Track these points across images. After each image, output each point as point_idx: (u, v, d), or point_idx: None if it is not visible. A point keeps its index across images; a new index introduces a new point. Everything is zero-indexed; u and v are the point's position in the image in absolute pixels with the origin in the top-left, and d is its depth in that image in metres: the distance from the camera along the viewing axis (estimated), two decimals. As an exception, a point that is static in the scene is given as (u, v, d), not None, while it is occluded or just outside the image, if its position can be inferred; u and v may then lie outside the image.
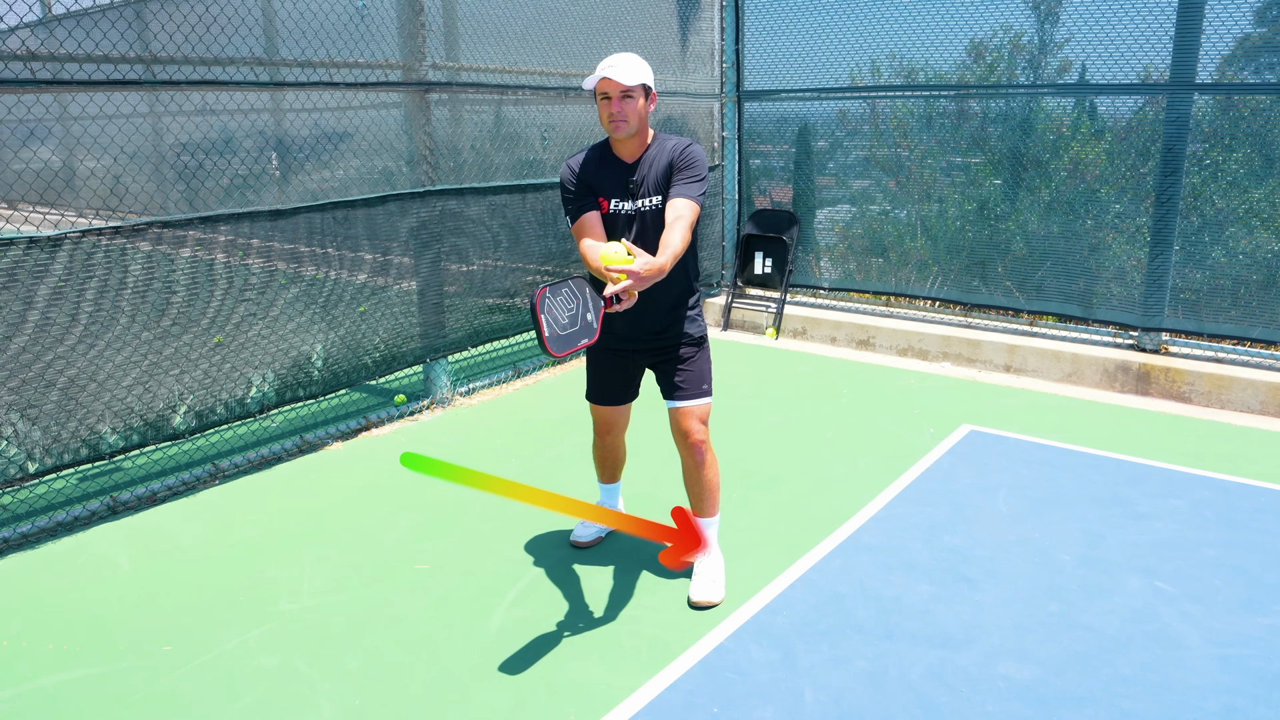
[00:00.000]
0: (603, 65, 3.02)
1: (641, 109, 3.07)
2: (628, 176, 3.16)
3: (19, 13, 3.85)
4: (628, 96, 3.01)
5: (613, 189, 3.18)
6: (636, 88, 3.02)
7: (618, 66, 2.99)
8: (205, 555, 3.75)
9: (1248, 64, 5.40)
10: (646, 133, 3.17)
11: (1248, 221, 5.48)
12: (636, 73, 3.00)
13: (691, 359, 3.28)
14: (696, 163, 3.11)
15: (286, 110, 6.03)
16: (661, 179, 3.15)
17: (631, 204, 3.17)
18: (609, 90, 3.01)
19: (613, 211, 3.20)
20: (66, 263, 3.80)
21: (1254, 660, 2.93)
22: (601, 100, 3.05)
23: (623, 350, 3.37)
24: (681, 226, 3.00)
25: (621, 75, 2.96)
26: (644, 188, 3.16)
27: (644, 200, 3.16)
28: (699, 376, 3.28)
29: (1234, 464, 4.50)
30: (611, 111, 3.03)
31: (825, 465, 4.56)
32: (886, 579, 3.45)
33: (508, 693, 2.83)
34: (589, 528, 3.79)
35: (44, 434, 3.83)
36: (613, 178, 3.18)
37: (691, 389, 3.27)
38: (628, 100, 3.02)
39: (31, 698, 2.84)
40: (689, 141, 3.16)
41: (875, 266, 7.08)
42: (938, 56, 6.49)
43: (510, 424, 5.25)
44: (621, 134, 3.07)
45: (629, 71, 2.98)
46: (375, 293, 5.13)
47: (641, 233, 3.20)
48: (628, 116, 3.03)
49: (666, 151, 3.15)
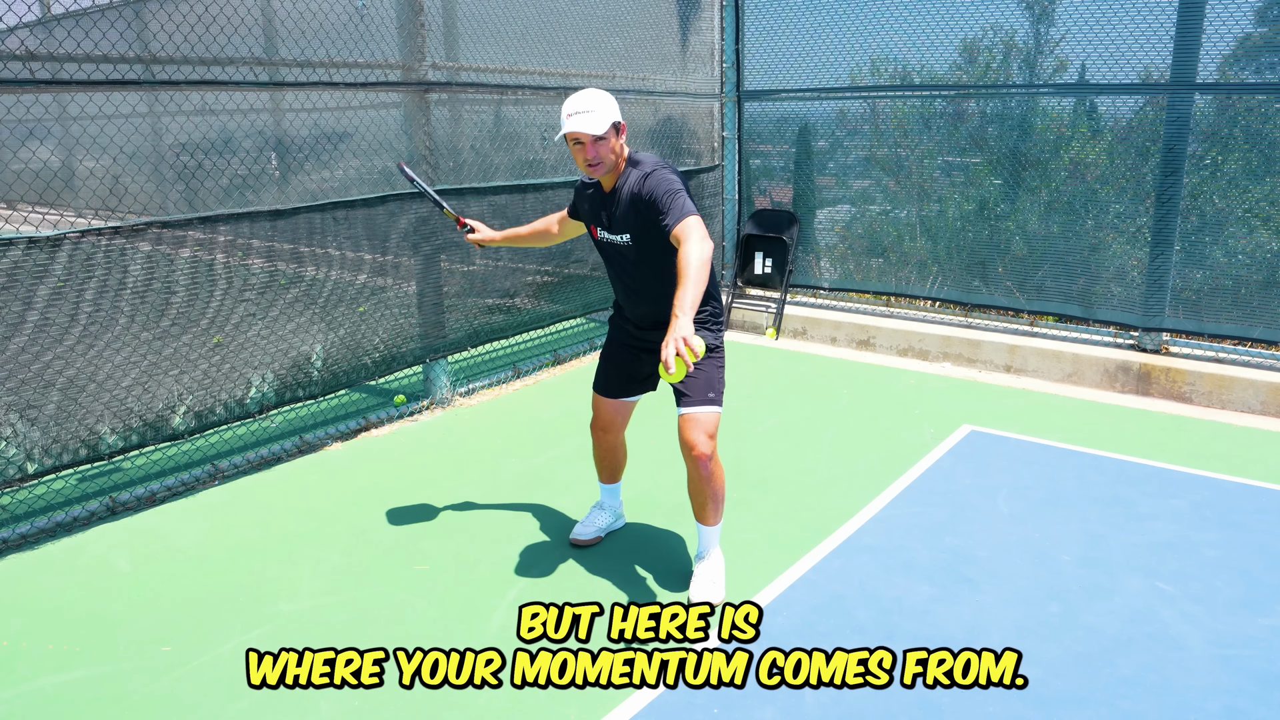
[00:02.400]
0: (569, 112, 3.04)
1: (615, 147, 3.11)
2: (603, 209, 3.27)
3: (18, 13, 3.84)
4: (599, 140, 3.06)
5: (594, 217, 3.33)
6: (608, 130, 3.05)
7: (585, 114, 3.02)
8: (205, 555, 3.74)
9: (1248, 64, 5.40)
10: (621, 163, 3.19)
11: (1248, 221, 5.48)
12: (603, 118, 3.03)
13: (699, 365, 3.19)
14: (663, 189, 3.02)
15: (286, 110, 6.02)
16: (630, 218, 3.17)
17: (608, 235, 3.29)
18: (581, 138, 3.06)
19: (600, 239, 3.35)
20: (66, 263, 3.80)
21: (1255, 661, 2.93)
22: (575, 145, 3.09)
23: (633, 346, 3.43)
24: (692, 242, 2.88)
25: (589, 126, 3.00)
26: (616, 223, 3.24)
27: (618, 235, 3.24)
28: (705, 384, 3.18)
29: (1234, 464, 4.50)
30: (586, 157, 3.08)
31: (825, 465, 4.55)
32: (887, 580, 3.45)
33: (508, 693, 2.83)
34: (589, 526, 3.79)
35: (43, 434, 3.82)
36: (597, 206, 3.31)
37: (696, 396, 3.17)
38: (600, 143, 3.06)
39: (31, 698, 2.84)
40: (648, 170, 3.10)
41: (875, 266, 7.08)
42: (938, 56, 6.49)
43: (510, 424, 5.25)
44: (600, 174, 3.15)
45: (596, 121, 3.01)
46: (375, 293, 5.13)
47: (621, 262, 3.30)
48: (602, 159, 3.09)
49: (632, 194, 3.12)
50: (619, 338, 3.48)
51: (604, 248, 3.35)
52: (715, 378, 3.22)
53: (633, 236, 3.19)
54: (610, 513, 3.82)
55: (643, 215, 3.11)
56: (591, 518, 3.80)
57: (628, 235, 3.20)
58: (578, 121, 3.01)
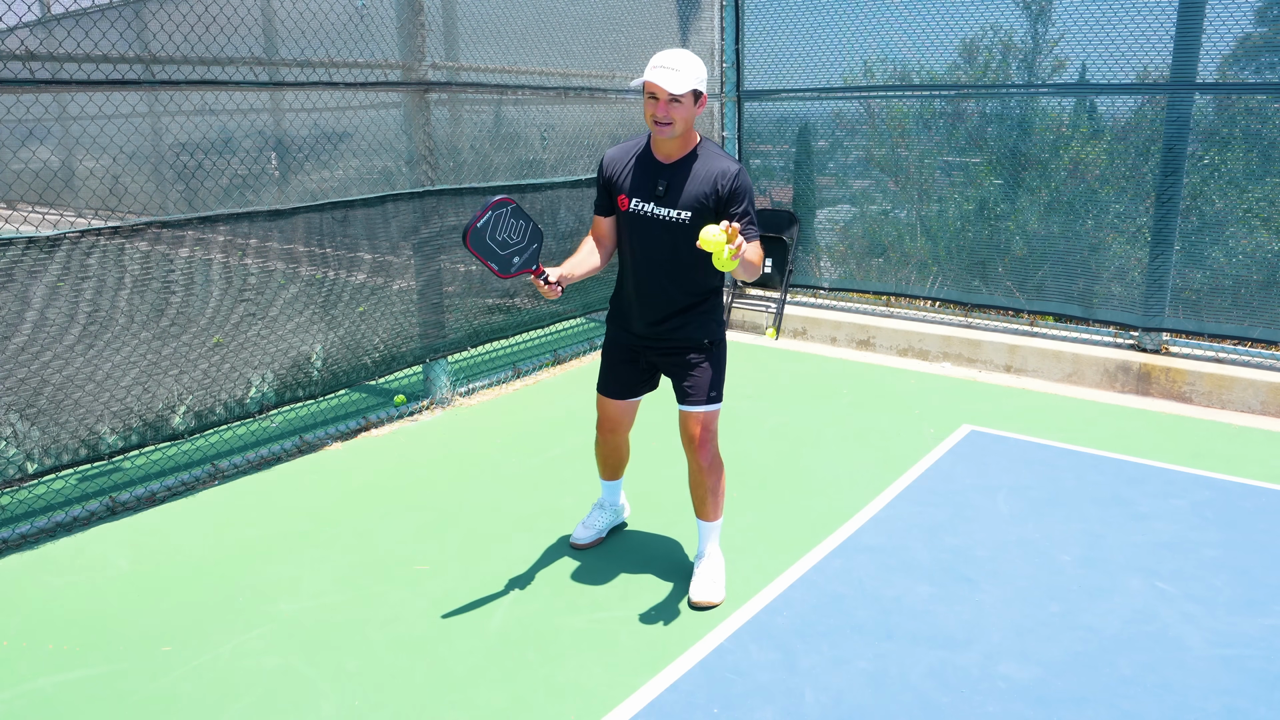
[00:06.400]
0: (655, 64, 2.90)
1: (689, 114, 2.95)
2: (659, 178, 3.06)
3: (18, 12, 3.84)
4: (676, 101, 2.90)
5: (638, 188, 3.09)
6: (687, 94, 2.91)
7: (669, 70, 2.86)
8: (205, 555, 3.74)
9: (1248, 64, 5.40)
10: (691, 136, 3.06)
11: (1248, 221, 5.48)
12: (688, 79, 2.87)
13: (700, 364, 3.20)
14: (749, 195, 3.01)
15: (286, 110, 6.03)
16: (698, 198, 3.02)
17: (654, 208, 3.06)
18: (657, 92, 2.90)
19: (632, 211, 3.10)
20: (65, 262, 3.80)
21: (1255, 661, 2.93)
22: (649, 99, 2.93)
23: (633, 346, 3.34)
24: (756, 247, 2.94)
25: (670, 83, 2.85)
26: (674, 196, 3.04)
27: (669, 210, 3.04)
28: (706, 382, 3.19)
29: (1234, 464, 4.50)
30: (656, 114, 2.93)
31: (825, 465, 4.55)
32: (887, 579, 3.45)
33: (508, 693, 2.83)
34: (589, 529, 3.78)
35: (43, 434, 3.82)
36: (643, 176, 3.09)
37: (697, 394, 3.19)
38: (675, 105, 2.91)
39: (31, 698, 2.84)
40: (739, 168, 3.03)
41: (875, 266, 7.07)
42: (937, 56, 6.49)
43: (510, 424, 5.25)
44: (665, 136, 2.98)
45: (680, 80, 2.86)
46: (374, 292, 5.13)
47: (654, 242, 3.10)
48: (673, 120, 2.93)
49: (713, 173, 3.01)
50: (619, 339, 3.38)
51: (638, 222, 3.10)
52: (715, 376, 3.23)
53: (694, 216, 3.03)
54: (610, 511, 3.82)
55: (719, 200, 2.99)
56: (591, 519, 3.79)
57: (689, 213, 3.03)
58: (660, 75, 2.85)
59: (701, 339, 3.21)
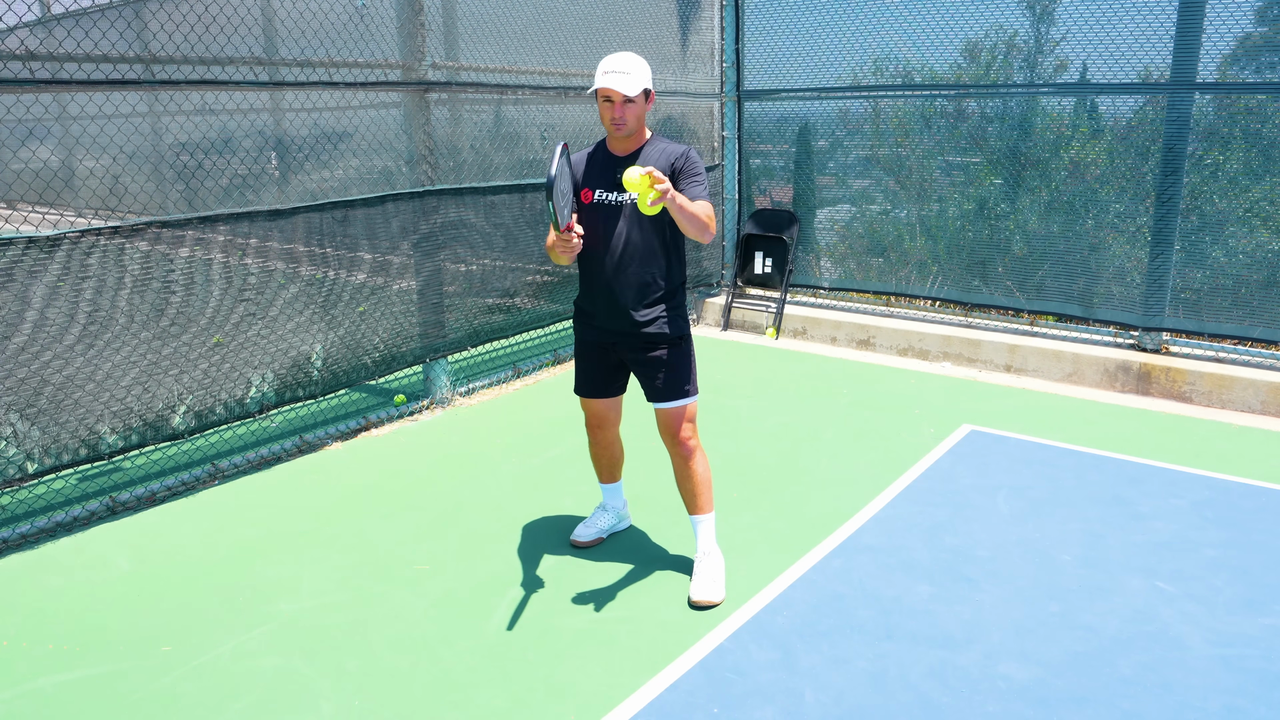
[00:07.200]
0: (604, 69, 3.11)
1: (641, 112, 3.19)
2: (617, 168, 3.24)
3: (18, 12, 3.84)
4: (629, 102, 3.13)
5: (599, 180, 3.28)
6: (639, 95, 3.13)
7: (622, 74, 3.08)
8: (205, 555, 3.74)
9: (1248, 63, 5.39)
10: (643, 131, 3.28)
11: (1248, 221, 5.48)
12: (639, 81, 3.11)
13: (672, 360, 3.30)
14: (698, 169, 3.23)
15: (286, 110, 6.02)
16: None
17: (616, 196, 3.24)
18: (612, 95, 3.11)
19: (595, 202, 3.28)
20: (65, 262, 3.80)
21: (1255, 660, 2.93)
22: (604, 102, 3.16)
23: (603, 342, 3.41)
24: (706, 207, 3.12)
25: (623, 86, 3.07)
26: None
27: (626, 195, 3.23)
28: (680, 377, 3.32)
29: (1234, 464, 4.50)
30: (614, 116, 3.15)
31: (825, 465, 4.55)
32: (887, 579, 3.45)
33: (508, 693, 2.83)
34: (590, 527, 3.79)
35: (43, 434, 3.82)
36: (602, 169, 3.29)
37: (672, 391, 3.31)
38: (629, 105, 3.14)
39: (31, 698, 2.84)
40: (689, 148, 3.27)
41: (875, 266, 7.07)
42: (938, 56, 6.48)
43: (510, 424, 5.25)
44: (622, 134, 3.21)
45: (631, 83, 3.08)
46: (374, 292, 5.13)
47: (620, 228, 3.24)
48: (627, 120, 3.16)
49: (668, 154, 3.24)
50: (588, 337, 3.47)
51: (603, 211, 3.26)
52: (687, 370, 3.34)
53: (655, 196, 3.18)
54: (613, 514, 3.82)
55: (674, 174, 3.18)
56: (594, 519, 3.80)
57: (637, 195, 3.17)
58: (614, 80, 3.07)
59: (671, 334, 3.31)
